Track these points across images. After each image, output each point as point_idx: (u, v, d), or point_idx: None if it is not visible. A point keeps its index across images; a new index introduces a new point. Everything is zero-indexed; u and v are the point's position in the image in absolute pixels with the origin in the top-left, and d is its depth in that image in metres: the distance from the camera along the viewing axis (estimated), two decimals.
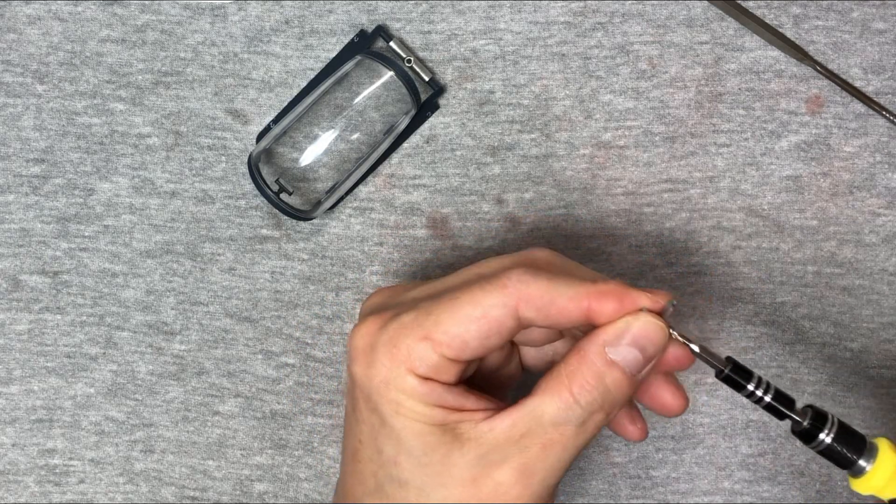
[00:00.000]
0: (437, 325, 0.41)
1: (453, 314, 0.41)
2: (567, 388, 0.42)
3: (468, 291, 0.42)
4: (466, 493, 0.42)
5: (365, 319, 0.44)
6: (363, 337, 0.43)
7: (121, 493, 0.59)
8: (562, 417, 0.42)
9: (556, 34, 0.57)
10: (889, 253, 0.57)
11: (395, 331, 0.42)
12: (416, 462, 0.42)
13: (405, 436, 0.42)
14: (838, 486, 0.58)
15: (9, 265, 0.58)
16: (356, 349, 0.43)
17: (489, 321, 0.41)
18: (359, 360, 0.43)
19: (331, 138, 0.57)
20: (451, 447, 0.42)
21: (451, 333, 0.41)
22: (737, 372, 0.43)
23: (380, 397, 0.42)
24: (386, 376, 0.42)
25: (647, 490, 0.58)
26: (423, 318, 0.42)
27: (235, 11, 0.58)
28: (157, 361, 0.58)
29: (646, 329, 0.42)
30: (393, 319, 0.43)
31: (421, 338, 0.42)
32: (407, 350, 0.42)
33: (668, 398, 0.45)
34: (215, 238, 0.58)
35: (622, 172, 0.57)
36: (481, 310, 0.41)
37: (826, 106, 0.57)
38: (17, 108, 0.58)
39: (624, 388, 0.42)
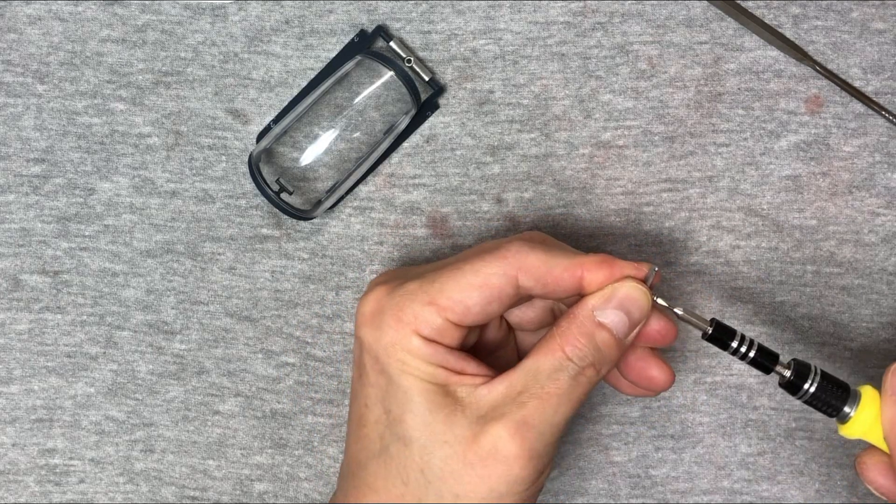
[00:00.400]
0: (441, 291, 0.45)
1: (457, 281, 0.45)
2: (560, 346, 0.45)
3: (470, 262, 0.45)
4: (468, 451, 0.44)
5: (373, 288, 0.47)
6: (371, 303, 0.46)
7: (121, 493, 0.59)
8: (556, 372, 0.45)
9: (556, 34, 0.57)
10: (888, 252, 0.57)
11: (401, 297, 0.46)
12: (421, 420, 0.45)
13: (411, 394, 0.45)
14: (838, 486, 0.58)
15: (9, 265, 0.58)
16: (364, 314, 0.46)
17: (490, 288, 0.45)
18: (367, 324, 0.46)
19: (331, 138, 0.57)
20: (453, 408, 0.45)
21: (454, 299, 0.45)
22: (720, 331, 0.47)
23: (388, 358, 0.45)
24: (393, 338, 0.45)
25: (647, 489, 0.58)
26: (428, 286, 0.45)
27: (236, 11, 0.58)
28: (158, 361, 0.58)
29: (630, 293, 0.46)
30: (399, 287, 0.46)
31: (426, 302, 0.45)
32: (413, 314, 0.45)
33: (655, 372, 0.48)
34: (216, 237, 0.58)
35: (621, 172, 0.57)
36: (482, 277, 0.45)
37: (825, 106, 0.57)
38: (18, 107, 0.58)
39: (612, 348, 0.46)
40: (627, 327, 0.46)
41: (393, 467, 0.45)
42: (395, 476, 0.45)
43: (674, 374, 0.49)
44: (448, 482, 0.44)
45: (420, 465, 0.45)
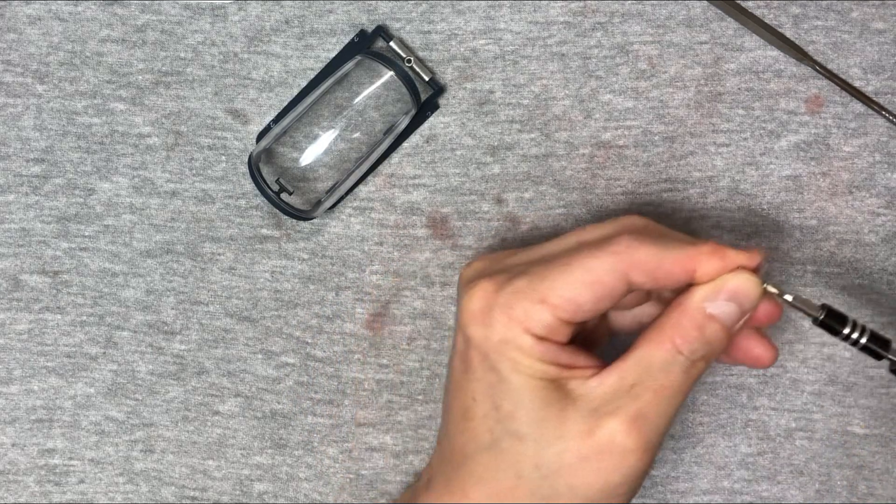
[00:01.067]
0: (552, 289, 0.44)
1: (567, 279, 0.44)
2: (670, 338, 0.45)
3: (579, 258, 0.45)
4: (583, 445, 0.44)
5: (478, 283, 0.46)
6: (479, 300, 0.46)
7: (121, 493, 0.59)
8: (668, 365, 0.45)
9: (556, 34, 0.57)
10: (888, 253, 0.57)
11: (510, 294, 0.45)
12: (534, 416, 0.45)
13: (523, 391, 0.45)
14: (837, 486, 0.58)
15: (9, 265, 0.58)
16: (472, 311, 0.46)
17: (602, 285, 0.44)
18: (475, 321, 0.46)
19: (331, 138, 0.57)
20: (565, 402, 0.45)
21: (566, 297, 0.44)
22: (831, 317, 0.47)
23: (498, 355, 0.45)
24: (504, 336, 0.45)
25: (647, 489, 0.58)
26: (538, 283, 0.45)
27: (235, 11, 0.58)
28: (157, 361, 0.58)
29: (742, 285, 0.45)
30: (507, 283, 0.45)
31: (537, 301, 0.44)
32: (524, 312, 0.45)
33: (760, 350, 0.48)
34: (215, 238, 0.58)
35: (622, 172, 0.57)
36: (594, 275, 0.44)
37: (825, 106, 0.57)
38: (18, 107, 0.58)
39: (722, 339, 0.45)
40: (737, 317, 0.45)
41: (504, 461, 0.46)
42: (507, 469, 0.46)
43: (777, 351, 0.48)
44: (564, 476, 0.45)
45: (534, 461, 0.45)
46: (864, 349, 0.47)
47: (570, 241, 0.47)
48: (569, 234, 0.48)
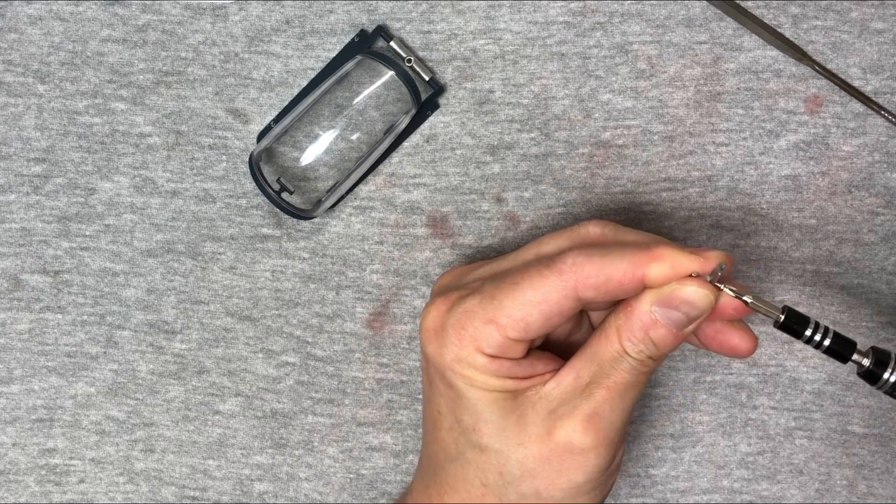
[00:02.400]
0: (501, 309, 0.44)
1: (515, 299, 0.44)
2: (617, 339, 0.45)
3: (528, 276, 0.44)
4: (543, 449, 0.45)
5: (434, 301, 0.47)
6: (433, 319, 0.46)
7: (121, 493, 0.59)
8: (617, 362, 0.45)
9: (556, 34, 0.57)
10: (888, 252, 0.58)
11: (461, 314, 0.45)
12: (494, 427, 0.45)
13: (480, 406, 0.45)
14: (837, 485, 0.58)
15: (10, 264, 0.58)
16: (427, 330, 0.46)
17: (549, 304, 0.44)
18: (430, 341, 0.46)
19: (331, 137, 0.57)
20: (523, 409, 0.45)
21: (514, 317, 0.44)
22: (792, 319, 0.44)
23: (453, 374, 0.45)
24: (457, 354, 0.45)
25: (647, 489, 0.58)
26: (488, 303, 0.45)
27: (236, 11, 0.58)
28: (158, 360, 0.58)
29: (691, 295, 0.44)
30: (459, 303, 0.46)
31: (486, 321, 0.44)
32: (474, 331, 0.45)
33: (736, 340, 0.47)
34: (216, 237, 0.58)
35: (621, 171, 0.57)
36: (541, 294, 0.44)
37: (825, 105, 0.57)
38: (19, 107, 0.58)
39: (669, 341, 0.45)
40: (685, 324, 0.44)
41: (471, 471, 0.46)
42: (473, 478, 0.46)
43: (756, 339, 0.47)
44: (527, 480, 0.45)
45: (498, 468, 0.46)
46: (829, 352, 0.45)
47: (528, 255, 0.47)
48: (530, 245, 0.48)
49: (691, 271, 0.43)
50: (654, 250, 0.43)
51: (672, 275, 0.43)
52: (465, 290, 0.46)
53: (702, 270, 0.43)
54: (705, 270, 0.43)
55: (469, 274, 0.49)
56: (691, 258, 0.43)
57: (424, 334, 0.46)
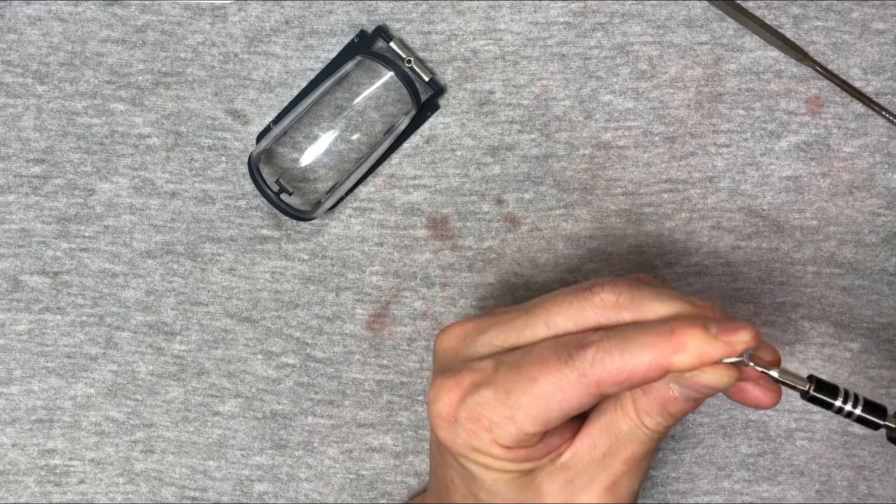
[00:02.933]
0: (519, 406, 0.42)
1: (533, 396, 0.42)
2: (634, 412, 0.44)
3: (546, 372, 0.42)
4: None
5: (443, 384, 0.44)
6: (444, 407, 0.44)
7: (121, 494, 0.59)
8: (634, 434, 0.44)
9: (556, 34, 0.57)
10: (889, 253, 0.57)
11: (475, 406, 0.43)
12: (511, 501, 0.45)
13: (497, 487, 0.44)
14: (838, 486, 0.58)
15: (9, 265, 0.58)
16: (438, 416, 0.44)
17: (570, 402, 0.42)
18: (442, 427, 0.44)
19: (331, 138, 0.57)
20: (540, 481, 0.45)
21: (532, 414, 0.42)
22: (821, 389, 0.43)
23: (467, 460, 0.44)
24: (472, 444, 0.43)
25: (647, 490, 0.58)
26: (504, 397, 0.43)
27: (235, 12, 0.58)
28: (158, 362, 0.58)
29: (714, 381, 0.42)
30: (472, 393, 0.43)
31: (503, 417, 0.43)
32: (489, 424, 0.43)
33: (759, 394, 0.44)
34: (215, 238, 0.58)
35: (622, 173, 0.57)
36: (561, 393, 0.42)
37: (826, 106, 0.57)
38: (18, 108, 0.58)
39: (686, 411, 0.44)
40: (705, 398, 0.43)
41: None
42: None
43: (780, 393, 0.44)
44: None
45: None
46: (860, 420, 0.43)
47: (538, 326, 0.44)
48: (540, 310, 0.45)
49: (717, 359, 0.41)
50: (677, 336, 0.41)
51: (697, 364, 0.41)
52: (476, 373, 0.44)
53: (727, 356, 0.41)
54: (731, 356, 0.41)
55: (476, 339, 0.46)
56: (717, 346, 0.41)
57: (435, 420, 0.45)
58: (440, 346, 0.47)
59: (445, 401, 0.44)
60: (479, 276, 0.58)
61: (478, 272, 0.58)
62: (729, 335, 0.41)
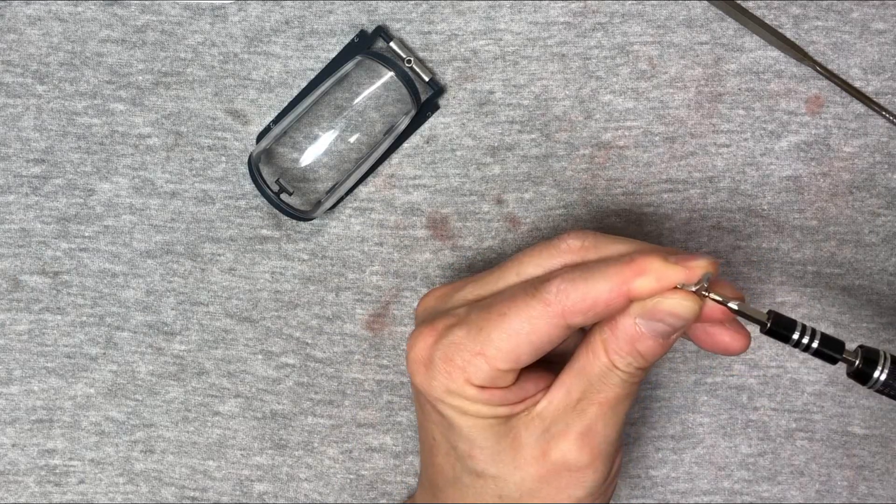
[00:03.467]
0: (489, 342, 0.43)
1: (503, 331, 0.43)
2: (604, 353, 0.44)
3: (514, 306, 0.43)
4: (540, 469, 0.45)
5: (420, 331, 0.46)
6: (420, 350, 0.45)
7: (121, 494, 0.59)
8: (606, 377, 0.44)
9: (556, 34, 0.57)
10: (889, 253, 0.57)
11: (448, 346, 0.44)
12: (489, 453, 0.45)
13: (474, 434, 0.45)
14: (838, 486, 0.58)
15: (9, 265, 0.58)
16: (415, 361, 0.45)
17: (538, 334, 0.43)
18: (418, 372, 0.45)
19: (331, 138, 0.57)
20: (517, 431, 0.45)
21: (503, 349, 0.43)
22: (779, 324, 0.44)
23: (443, 405, 0.45)
24: (447, 387, 0.44)
25: (647, 490, 0.58)
26: (475, 335, 0.44)
27: (235, 12, 0.58)
28: (158, 362, 0.58)
29: (675, 307, 0.42)
30: (445, 334, 0.45)
31: (474, 354, 0.44)
32: (462, 363, 0.44)
33: (727, 339, 0.45)
34: (215, 238, 0.58)
35: (622, 173, 0.57)
36: (529, 325, 0.43)
37: (826, 106, 0.57)
38: (18, 108, 0.58)
39: (656, 351, 0.44)
40: (670, 333, 0.43)
41: (470, 495, 0.46)
42: (472, 501, 0.46)
43: (748, 336, 0.45)
44: (527, 501, 0.45)
45: (496, 492, 0.46)
46: (817, 354, 0.44)
47: (510, 276, 0.46)
48: (511, 263, 0.47)
49: (676, 283, 0.42)
50: (637, 263, 0.42)
51: (657, 288, 0.42)
52: (450, 317, 0.46)
53: (687, 281, 0.42)
54: (690, 281, 0.42)
55: (453, 296, 0.48)
56: (676, 269, 0.42)
57: (412, 365, 0.46)
58: (420, 307, 0.49)
59: (421, 345, 0.45)
60: None
61: (478, 272, 0.58)
62: (688, 261, 0.42)
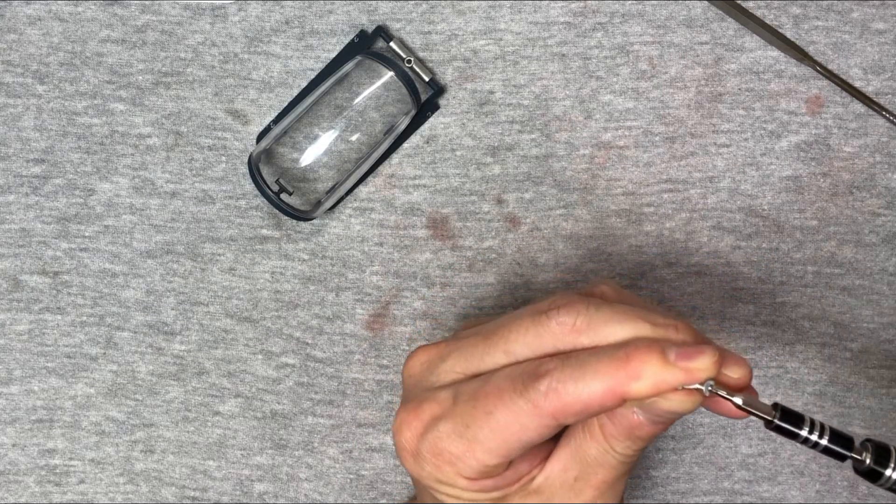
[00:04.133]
0: (477, 440, 0.41)
1: (490, 430, 0.41)
2: (602, 436, 0.43)
3: (502, 404, 0.41)
4: None
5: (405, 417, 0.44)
6: (407, 440, 0.43)
7: (121, 494, 0.59)
8: (604, 458, 0.43)
9: (556, 34, 0.57)
10: (889, 253, 0.57)
11: (435, 441, 0.42)
12: None
13: None
14: (838, 486, 0.58)
15: (9, 265, 0.58)
16: (403, 450, 0.44)
17: (528, 433, 0.41)
18: (407, 460, 0.44)
19: (331, 138, 0.57)
20: None
21: (491, 448, 0.41)
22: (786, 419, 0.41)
23: (436, 491, 0.44)
24: (437, 477, 0.43)
25: (647, 490, 0.58)
26: (462, 431, 0.42)
27: (235, 12, 0.58)
28: (158, 361, 0.58)
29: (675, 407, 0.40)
30: (431, 427, 0.43)
31: (463, 451, 0.42)
32: (451, 458, 0.42)
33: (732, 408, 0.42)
34: (215, 238, 0.58)
35: (622, 173, 0.57)
36: (518, 425, 0.41)
37: (826, 106, 0.57)
38: (18, 108, 0.58)
39: (656, 433, 0.43)
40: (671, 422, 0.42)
41: None
42: None
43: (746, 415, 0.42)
44: None
45: None
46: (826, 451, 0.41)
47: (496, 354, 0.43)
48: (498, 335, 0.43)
49: (675, 386, 0.39)
50: (632, 364, 0.39)
51: (654, 392, 0.39)
52: (435, 405, 0.43)
53: (687, 384, 0.39)
54: (691, 383, 0.39)
55: (438, 366, 0.45)
56: (674, 373, 0.39)
57: (400, 452, 0.44)
58: (406, 372, 0.46)
59: (407, 435, 0.43)
60: (479, 276, 0.58)
61: (478, 272, 0.58)
62: (688, 361, 0.39)
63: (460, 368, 0.44)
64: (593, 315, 0.41)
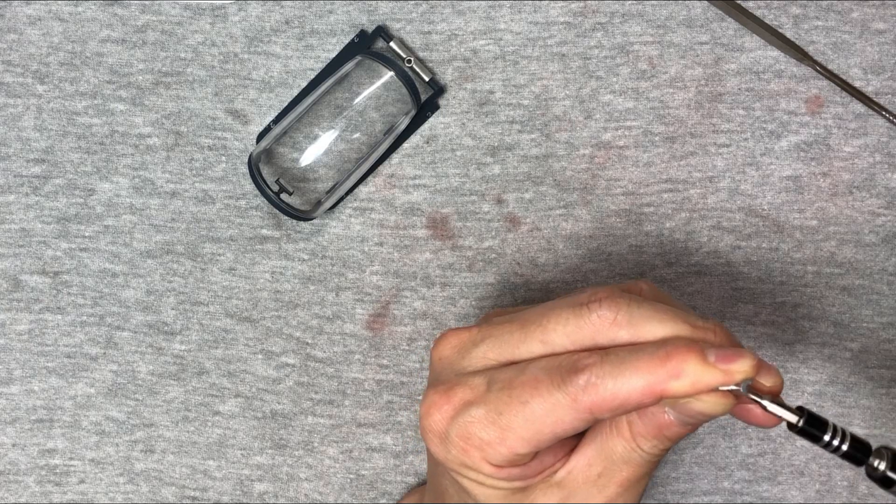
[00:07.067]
0: (509, 428, 0.41)
1: (524, 419, 0.41)
2: (630, 435, 0.43)
3: (538, 395, 0.41)
4: None
5: (435, 399, 0.43)
6: (436, 422, 0.43)
7: (121, 493, 0.59)
8: (630, 457, 0.43)
9: (556, 34, 0.57)
10: (889, 253, 0.57)
11: (466, 425, 0.42)
12: None
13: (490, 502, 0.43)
14: (838, 486, 0.58)
15: (9, 265, 0.58)
16: (430, 431, 0.43)
17: (562, 425, 0.41)
18: (433, 442, 0.43)
19: (331, 138, 0.57)
20: (535, 498, 0.44)
21: (523, 437, 0.41)
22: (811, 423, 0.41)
23: (459, 476, 0.43)
24: (463, 461, 0.42)
25: (647, 490, 0.58)
26: (495, 417, 0.41)
27: (236, 12, 0.58)
28: (158, 361, 0.58)
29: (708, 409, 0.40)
30: (463, 411, 0.42)
31: (494, 437, 0.42)
32: (480, 443, 0.42)
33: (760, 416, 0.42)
34: (215, 238, 0.58)
35: (622, 172, 0.57)
36: (553, 416, 0.41)
37: (826, 106, 0.57)
38: (18, 108, 0.58)
39: (683, 434, 0.42)
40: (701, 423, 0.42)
41: None
42: None
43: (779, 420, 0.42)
44: None
45: None
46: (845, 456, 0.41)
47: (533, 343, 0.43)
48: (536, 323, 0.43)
49: (713, 387, 0.39)
50: (673, 362, 0.39)
51: (693, 392, 0.39)
52: (467, 390, 0.43)
53: (725, 385, 0.39)
54: (728, 384, 0.39)
55: (471, 350, 0.45)
56: (714, 374, 0.39)
57: (426, 433, 0.44)
58: (436, 354, 0.46)
59: (437, 417, 0.43)
60: (479, 276, 0.58)
61: (478, 272, 0.58)
62: (727, 363, 0.39)
63: (493, 355, 0.44)
64: (634, 311, 0.41)
